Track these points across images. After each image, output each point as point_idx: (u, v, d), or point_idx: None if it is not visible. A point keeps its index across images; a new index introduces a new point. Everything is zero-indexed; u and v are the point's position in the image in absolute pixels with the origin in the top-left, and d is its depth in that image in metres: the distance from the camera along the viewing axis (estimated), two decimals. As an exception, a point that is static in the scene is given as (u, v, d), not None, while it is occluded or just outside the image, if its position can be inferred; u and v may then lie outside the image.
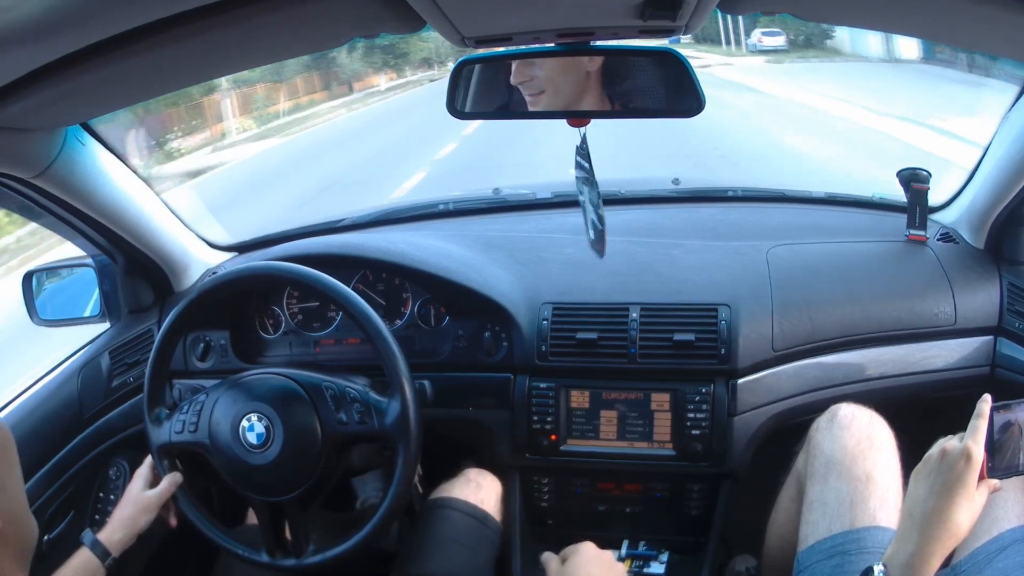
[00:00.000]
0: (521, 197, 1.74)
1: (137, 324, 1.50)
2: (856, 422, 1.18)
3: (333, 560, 1.17)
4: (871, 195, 1.62)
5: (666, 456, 1.31)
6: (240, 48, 0.88)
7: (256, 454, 1.14)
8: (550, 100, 1.00)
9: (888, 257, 1.43)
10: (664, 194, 1.73)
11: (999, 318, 1.35)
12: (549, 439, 1.34)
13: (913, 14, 0.83)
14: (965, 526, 0.89)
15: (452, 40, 0.88)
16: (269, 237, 1.68)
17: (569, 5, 0.81)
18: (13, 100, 0.85)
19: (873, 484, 1.11)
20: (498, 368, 1.38)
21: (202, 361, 1.45)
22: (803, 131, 8.60)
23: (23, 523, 0.81)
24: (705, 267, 1.41)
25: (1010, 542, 1.03)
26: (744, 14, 0.85)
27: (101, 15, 0.69)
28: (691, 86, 0.93)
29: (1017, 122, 1.25)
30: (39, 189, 1.17)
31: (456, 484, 1.38)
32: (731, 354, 1.29)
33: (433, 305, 1.45)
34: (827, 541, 1.08)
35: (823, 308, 1.34)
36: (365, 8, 0.78)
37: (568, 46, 0.93)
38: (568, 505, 1.42)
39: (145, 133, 9.60)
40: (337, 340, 1.48)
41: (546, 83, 0.98)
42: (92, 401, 1.43)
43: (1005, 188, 1.30)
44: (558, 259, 1.46)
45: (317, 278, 1.17)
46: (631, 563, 1.32)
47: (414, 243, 1.49)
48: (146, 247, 1.43)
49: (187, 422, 1.19)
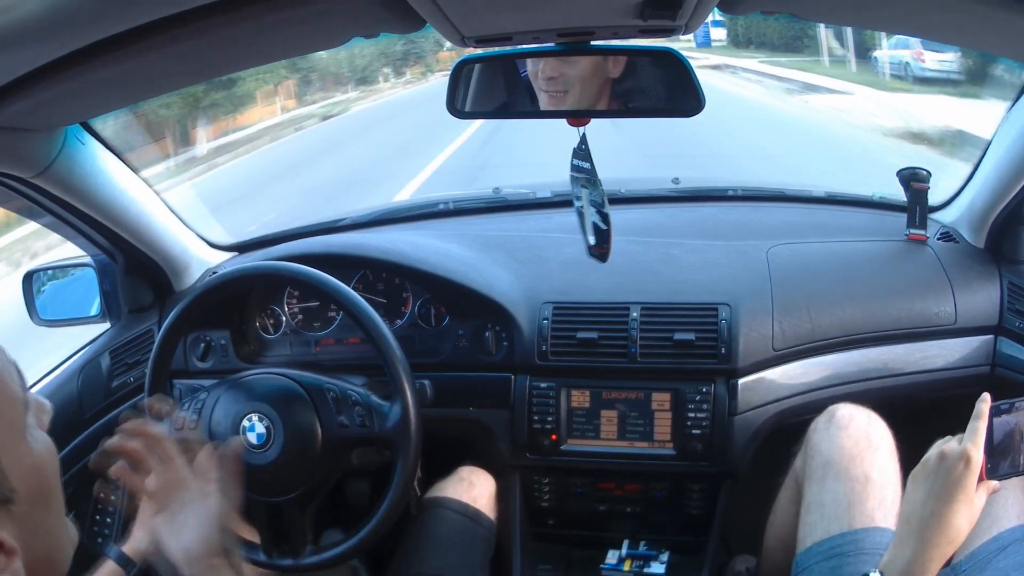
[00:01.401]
0: (521, 197, 1.74)
1: (137, 324, 1.50)
2: (854, 423, 1.18)
3: (331, 561, 1.17)
4: (871, 194, 1.62)
5: (666, 456, 1.31)
6: (240, 48, 0.88)
7: (256, 454, 1.14)
8: (572, 101, 1.00)
9: (888, 256, 1.43)
10: (664, 193, 1.73)
11: (999, 317, 1.34)
12: (549, 439, 1.34)
13: (913, 14, 0.83)
14: (964, 530, 0.88)
15: (452, 40, 0.88)
16: (269, 237, 1.68)
17: (569, 5, 0.81)
18: (13, 100, 0.85)
19: (871, 485, 1.10)
20: (498, 368, 1.38)
21: (202, 361, 1.45)
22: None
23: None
24: (705, 266, 1.41)
25: (1010, 541, 1.03)
26: (744, 14, 0.85)
27: (101, 15, 0.69)
28: (691, 86, 0.93)
29: (1017, 122, 1.25)
30: (39, 189, 1.17)
31: (449, 483, 1.38)
32: (731, 353, 1.29)
33: (433, 305, 1.45)
34: (825, 543, 1.08)
35: (823, 307, 1.34)
36: (365, 8, 0.78)
37: (568, 46, 0.93)
38: (568, 505, 1.42)
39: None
40: (337, 340, 1.48)
41: (574, 83, 0.98)
42: (92, 401, 1.43)
43: (1005, 187, 1.30)
44: (558, 259, 1.46)
45: (318, 278, 1.18)
46: (631, 563, 1.32)
47: (414, 243, 1.49)
48: (146, 247, 1.43)
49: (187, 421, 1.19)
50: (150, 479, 0.93)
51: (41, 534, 0.69)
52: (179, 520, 0.90)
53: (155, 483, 0.92)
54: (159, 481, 0.92)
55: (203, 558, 0.87)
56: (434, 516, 1.32)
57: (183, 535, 0.89)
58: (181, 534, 0.89)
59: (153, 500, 0.92)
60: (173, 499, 0.91)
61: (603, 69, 0.98)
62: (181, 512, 0.90)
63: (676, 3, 0.74)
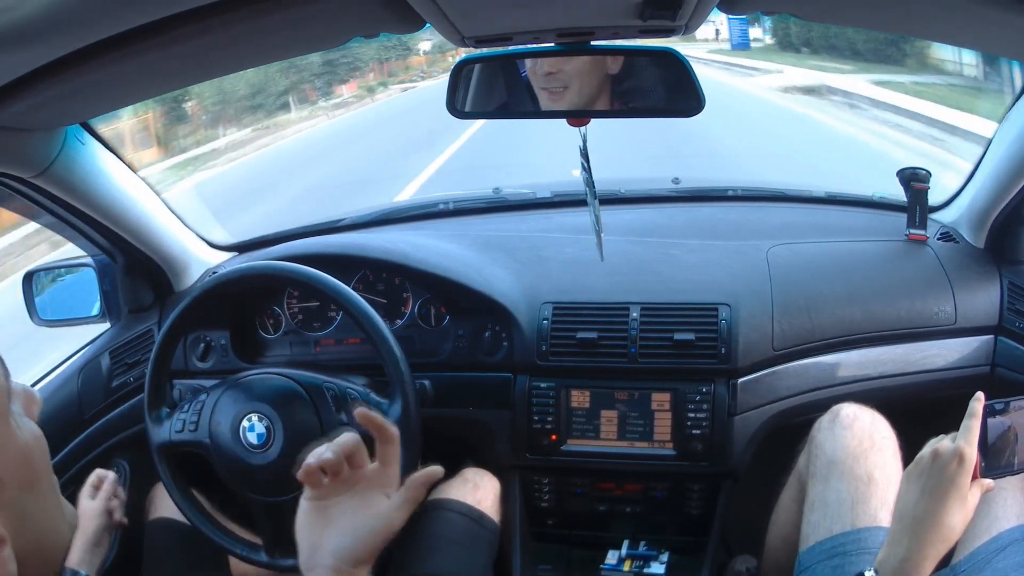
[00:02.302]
0: (521, 197, 1.74)
1: (137, 324, 1.50)
2: (858, 422, 1.18)
3: None
4: (871, 194, 1.62)
5: (666, 456, 1.31)
6: (240, 48, 0.88)
7: (256, 454, 1.14)
8: (571, 98, 1.00)
9: (888, 256, 1.43)
10: (664, 193, 1.73)
11: (999, 317, 1.35)
12: (549, 439, 1.34)
13: (913, 14, 0.83)
14: (958, 529, 0.88)
15: (452, 40, 0.88)
16: (269, 237, 1.68)
17: (569, 5, 0.81)
18: (13, 100, 0.85)
19: (874, 484, 1.10)
20: (498, 368, 1.38)
21: (202, 361, 1.45)
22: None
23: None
24: (705, 266, 1.41)
25: (1009, 542, 1.03)
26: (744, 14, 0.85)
27: (101, 15, 0.69)
28: (691, 86, 0.93)
29: (1017, 122, 1.25)
30: (39, 189, 1.17)
31: (453, 484, 1.38)
32: (731, 353, 1.29)
33: (433, 305, 1.45)
34: (828, 541, 1.08)
35: (823, 307, 1.34)
36: (365, 8, 0.78)
37: (568, 46, 0.93)
38: (568, 505, 1.42)
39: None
40: (337, 340, 1.48)
41: (572, 78, 0.98)
42: (92, 401, 1.43)
43: (1005, 187, 1.30)
44: (558, 259, 1.46)
45: (317, 278, 1.18)
46: (631, 563, 1.32)
47: (414, 243, 1.49)
48: (146, 247, 1.43)
49: (187, 421, 1.19)
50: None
51: (31, 522, 0.70)
52: (338, 517, 0.77)
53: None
54: (354, 478, 0.78)
55: (350, 566, 0.75)
56: (437, 517, 1.32)
57: (331, 532, 0.77)
58: (331, 531, 0.77)
59: (329, 489, 0.78)
60: (350, 496, 0.78)
61: (602, 65, 0.98)
62: (344, 510, 0.77)
63: (676, 3, 0.74)
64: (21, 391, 0.74)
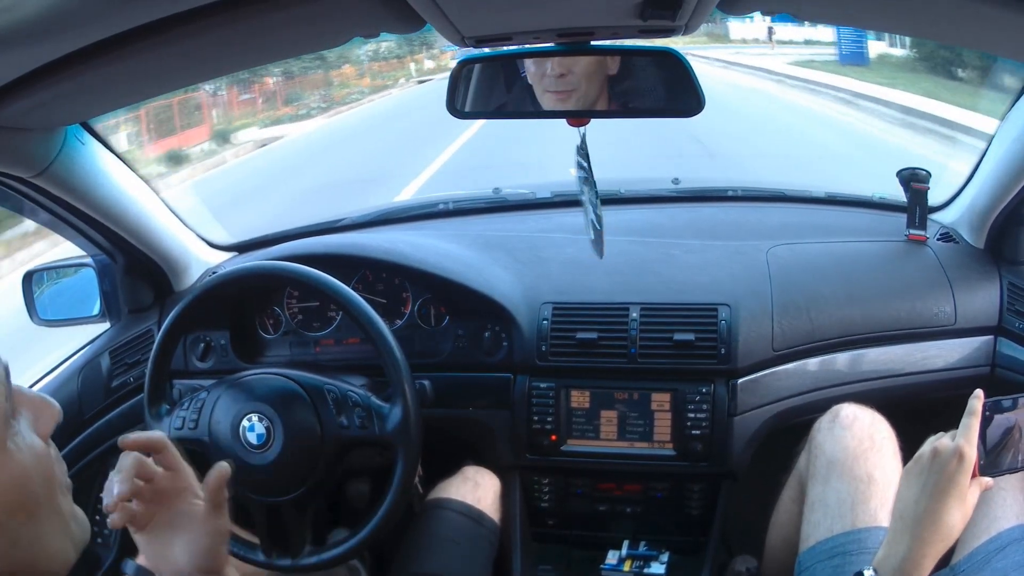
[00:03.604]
0: (521, 197, 1.74)
1: (137, 324, 1.50)
2: (858, 422, 1.18)
3: (330, 561, 1.17)
4: (871, 195, 1.62)
5: (666, 456, 1.31)
6: (240, 48, 0.88)
7: (256, 454, 1.14)
8: (577, 99, 1.00)
9: (888, 257, 1.43)
10: (664, 194, 1.73)
11: (999, 318, 1.34)
12: (549, 439, 1.34)
13: (913, 14, 0.83)
14: (957, 527, 0.88)
15: (452, 40, 0.88)
16: (269, 237, 1.68)
17: (569, 5, 0.82)
18: (13, 100, 0.85)
19: (875, 484, 1.11)
20: (498, 368, 1.38)
21: (202, 361, 1.45)
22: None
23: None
24: (705, 267, 1.41)
25: (1008, 542, 1.03)
26: (744, 14, 0.85)
27: (101, 15, 0.69)
28: (691, 86, 0.93)
29: (1017, 122, 1.25)
30: (39, 189, 1.17)
31: (454, 483, 1.38)
32: (731, 354, 1.29)
33: (433, 305, 1.45)
34: (828, 541, 1.08)
35: (823, 308, 1.34)
36: (365, 8, 0.78)
37: (568, 46, 0.93)
38: (568, 505, 1.42)
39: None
40: (337, 340, 1.48)
41: (581, 80, 0.99)
42: (92, 401, 1.43)
43: (1005, 188, 1.30)
44: (558, 259, 1.46)
45: (317, 278, 1.17)
46: (631, 563, 1.32)
47: (414, 243, 1.49)
48: (146, 247, 1.43)
49: (187, 419, 1.19)
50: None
51: (22, 545, 0.65)
52: (169, 536, 0.80)
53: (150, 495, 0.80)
54: (154, 493, 0.80)
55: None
56: (437, 516, 1.32)
57: (175, 552, 0.79)
58: (173, 550, 0.79)
59: (144, 515, 0.80)
60: (167, 513, 0.80)
61: (603, 66, 0.98)
62: (171, 527, 0.80)
63: (676, 3, 0.74)
64: (37, 400, 0.70)
